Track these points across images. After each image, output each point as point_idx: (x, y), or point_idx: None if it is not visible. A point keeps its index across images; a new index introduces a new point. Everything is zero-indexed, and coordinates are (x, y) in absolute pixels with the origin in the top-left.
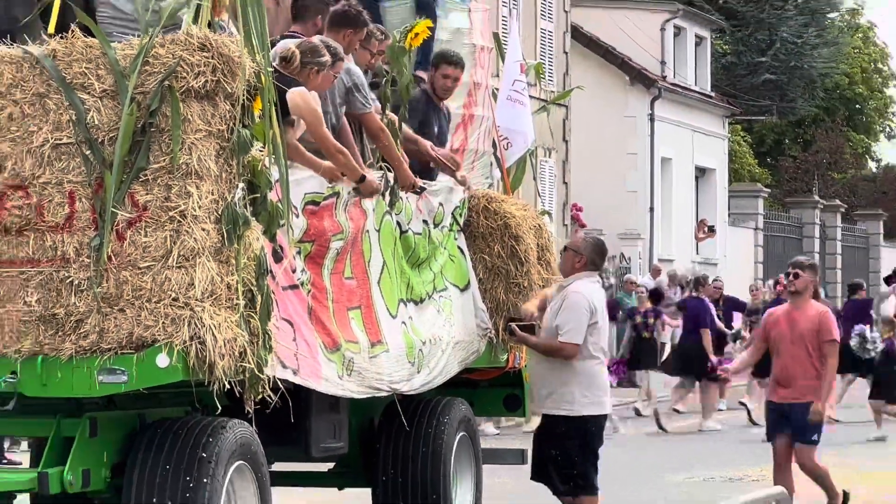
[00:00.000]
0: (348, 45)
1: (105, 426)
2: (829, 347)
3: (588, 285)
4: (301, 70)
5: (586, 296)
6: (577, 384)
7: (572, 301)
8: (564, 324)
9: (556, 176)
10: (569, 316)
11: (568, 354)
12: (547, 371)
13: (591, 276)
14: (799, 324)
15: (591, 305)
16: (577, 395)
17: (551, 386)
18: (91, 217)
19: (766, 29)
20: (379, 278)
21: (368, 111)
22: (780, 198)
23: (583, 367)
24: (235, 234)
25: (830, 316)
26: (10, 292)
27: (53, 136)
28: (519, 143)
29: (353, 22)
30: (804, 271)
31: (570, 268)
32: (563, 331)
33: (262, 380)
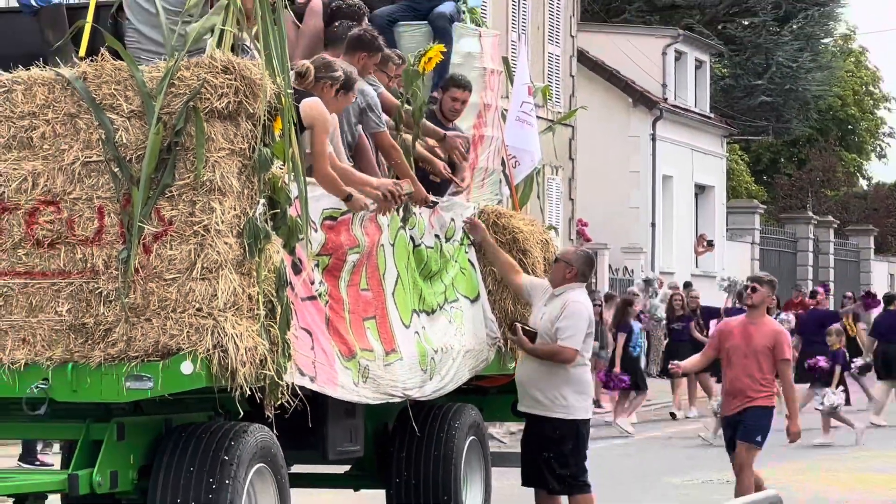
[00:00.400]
0: (363, 69)
1: (132, 430)
2: (783, 366)
3: (585, 296)
4: (315, 84)
5: (587, 306)
6: (571, 388)
7: (575, 309)
8: (566, 329)
9: (563, 192)
10: (571, 322)
11: (567, 358)
12: (540, 375)
13: (581, 286)
14: (754, 338)
15: (590, 316)
16: (571, 399)
17: (545, 389)
18: (119, 231)
19: (763, 53)
20: (393, 290)
21: (381, 130)
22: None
23: (575, 372)
24: (256, 247)
25: (786, 335)
26: (41, 302)
27: (84, 154)
28: (527, 162)
29: (368, 46)
30: (762, 286)
31: (561, 278)
32: (565, 335)
33: (282, 386)
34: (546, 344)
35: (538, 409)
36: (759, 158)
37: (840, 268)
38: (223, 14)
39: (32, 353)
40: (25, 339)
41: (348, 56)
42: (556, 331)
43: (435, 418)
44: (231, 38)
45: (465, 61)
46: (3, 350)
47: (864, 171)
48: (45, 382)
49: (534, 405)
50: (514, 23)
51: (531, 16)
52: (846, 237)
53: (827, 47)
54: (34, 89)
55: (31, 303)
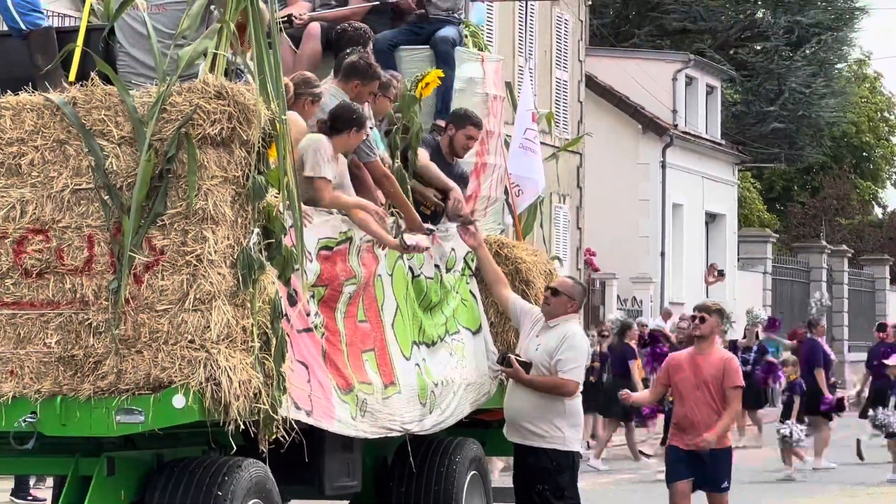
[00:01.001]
0: (357, 96)
1: (123, 465)
2: (732, 393)
3: (580, 328)
4: (296, 101)
5: (585, 339)
6: (567, 420)
7: (575, 342)
8: (568, 361)
9: (570, 221)
10: (573, 355)
11: (570, 391)
12: (534, 406)
13: (576, 317)
14: (703, 369)
15: (588, 348)
16: (566, 430)
17: (540, 420)
18: (109, 261)
19: (775, 79)
20: (393, 321)
21: (372, 160)
22: (788, 243)
23: (571, 403)
24: (251, 278)
25: (735, 362)
26: (30, 334)
27: (73, 182)
28: (530, 190)
29: (363, 74)
30: (710, 315)
31: (563, 312)
32: (567, 368)
33: (276, 420)
34: (546, 377)
35: (533, 441)
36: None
37: (854, 298)
38: (216, 37)
39: (20, 386)
40: (13, 372)
41: (342, 82)
42: (556, 363)
43: (435, 452)
44: (224, 63)
45: (467, 87)
46: None
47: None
48: (34, 416)
49: (528, 436)
50: (520, 47)
51: (538, 40)
52: (861, 267)
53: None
54: (23, 115)
55: (19, 334)
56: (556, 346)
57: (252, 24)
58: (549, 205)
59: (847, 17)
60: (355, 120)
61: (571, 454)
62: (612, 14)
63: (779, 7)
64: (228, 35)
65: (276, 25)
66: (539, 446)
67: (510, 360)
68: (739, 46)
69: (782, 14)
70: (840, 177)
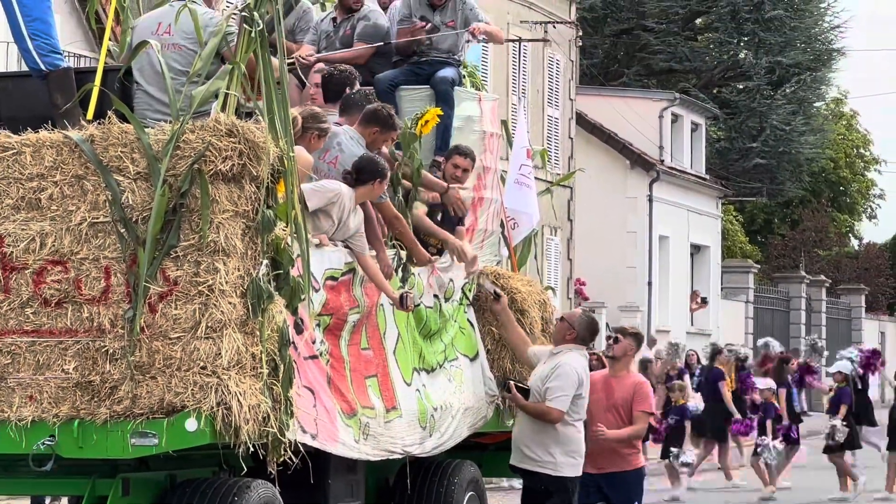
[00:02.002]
0: (373, 143)
1: (137, 486)
2: (641, 416)
3: (578, 359)
4: (303, 134)
5: (577, 369)
6: (560, 447)
7: (563, 371)
8: (553, 390)
9: (562, 252)
10: (558, 384)
11: (553, 419)
12: (531, 431)
13: (580, 349)
14: (615, 392)
15: (580, 378)
16: (558, 457)
17: (534, 445)
18: (125, 291)
19: (757, 117)
20: (394, 348)
21: (383, 201)
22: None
23: (564, 431)
24: (260, 307)
25: (647, 387)
26: (48, 360)
27: (90, 215)
28: (525, 224)
29: (383, 122)
30: (625, 337)
31: (561, 338)
32: (552, 396)
33: (284, 443)
34: (535, 403)
35: (527, 464)
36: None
37: (832, 326)
38: (228, 78)
39: (39, 410)
40: (32, 397)
41: (361, 127)
42: (545, 391)
43: (434, 474)
44: (235, 102)
45: (465, 125)
46: (11, 407)
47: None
48: (52, 439)
49: (523, 460)
50: (514, 86)
51: (531, 79)
52: (838, 296)
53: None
54: (42, 151)
55: (38, 360)
56: (547, 375)
57: (261, 66)
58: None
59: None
60: (379, 172)
61: (563, 480)
62: (602, 54)
63: (760, 48)
64: (239, 76)
65: (285, 67)
66: (533, 470)
67: (509, 385)
68: (723, 85)
69: (764, 55)
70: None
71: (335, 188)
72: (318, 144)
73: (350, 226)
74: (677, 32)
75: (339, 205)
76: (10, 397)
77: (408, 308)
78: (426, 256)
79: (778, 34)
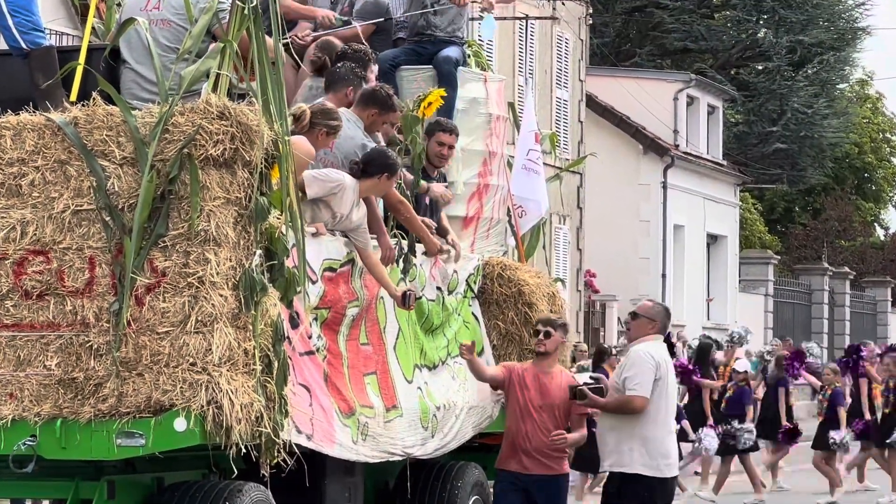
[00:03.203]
0: (371, 124)
1: (123, 489)
2: (581, 420)
3: (653, 346)
4: (310, 129)
5: (651, 353)
6: (636, 443)
7: (636, 357)
8: (632, 378)
9: (571, 242)
10: (635, 371)
11: (637, 407)
12: (610, 428)
13: (655, 339)
14: (550, 391)
15: (656, 361)
16: (635, 453)
17: (612, 442)
18: (111, 282)
19: (777, 99)
20: (395, 344)
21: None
22: (789, 265)
23: (646, 426)
24: (253, 300)
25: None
26: (29, 356)
27: (74, 203)
28: (533, 212)
29: (381, 103)
30: (556, 330)
31: (644, 333)
32: (631, 385)
33: (278, 444)
34: (615, 396)
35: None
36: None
37: (856, 320)
38: (219, 57)
39: (20, 409)
40: (12, 394)
41: (359, 109)
42: (623, 381)
43: (437, 477)
44: (227, 83)
45: (469, 107)
46: None
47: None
48: (33, 439)
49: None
50: (520, 66)
51: (539, 59)
52: (862, 289)
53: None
54: (23, 135)
55: (19, 356)
56: (621, 368)
57: (255, 44)
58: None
59: (849, 38)
60: (389, 166)
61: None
62: (613, 33)
63: (781, 27)
64: (231, 55)
65: (280, 46)
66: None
67: (582, 391)
68: (741, 66)
69: (784, 34)
70: (842, 198)
71: (338, 178)
72: (325, 142)
73: (353, 219)
74: (693, 10)
75: (340, 197)
76: None
77: (410, 307)
78: (437, 244)
79: (799, 11)
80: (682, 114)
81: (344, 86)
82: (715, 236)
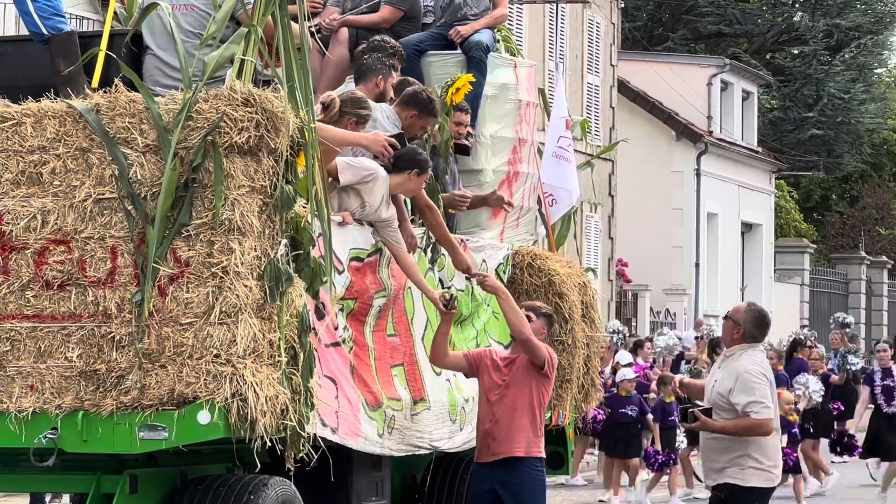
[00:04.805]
0: (409, 126)
1: (146, 483)
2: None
3: (755, 358)
4: (339, 119)
5: (761, 369)
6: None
7: (749, 381)
8: (754, 405)
9: (602, 231)
10: (755, 397)
11: (766, 431)
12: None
13: (753, 347)
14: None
15: (767, 378)
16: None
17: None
18: (133, 272)
19: (813, 84)
20: (423, 335)
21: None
22: (826, 254)
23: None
24: (278, 290)
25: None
26: (51, 347)
27: (96, 191)
28: (564, 200)
29: (422, 107)
30: (538, 318)
31: (730, 339)
32: (756, 410)
33: (304, 437)
34: (737, 420)
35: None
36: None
37: (894, 311)
38: (244, 43)
39: (41, 401)
40: (33, 386)
41: (399, 108)
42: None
43: (465, 470)
44: (252, 69)
45: (499, 93)
46: (10, 398)
47: None
48: (54, 432)
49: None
50: (551, 51)
51: (569, 44)
52: None
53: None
54: (44, 122)
55: (40, 347)
56: (731, 388)
57: (280, 30)
58: (581, 214)
59: (888, 21)
60: (419, 163)
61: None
62: (645, 17)
63: (817, 10)
64: (256, 41)
65: (306, 31)
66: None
67: (695, 414)
68: (776, 51)
69: (821, 17)
70: (880, 185)
71: (372, 167)
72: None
73: (382, 214)
74: None
75: (372, 186)
76: (10, 387)
77: (452, 310)
78: (465, 261)
79: None
80: (716, 99)
81: (373, 76)
82: (749, 225)
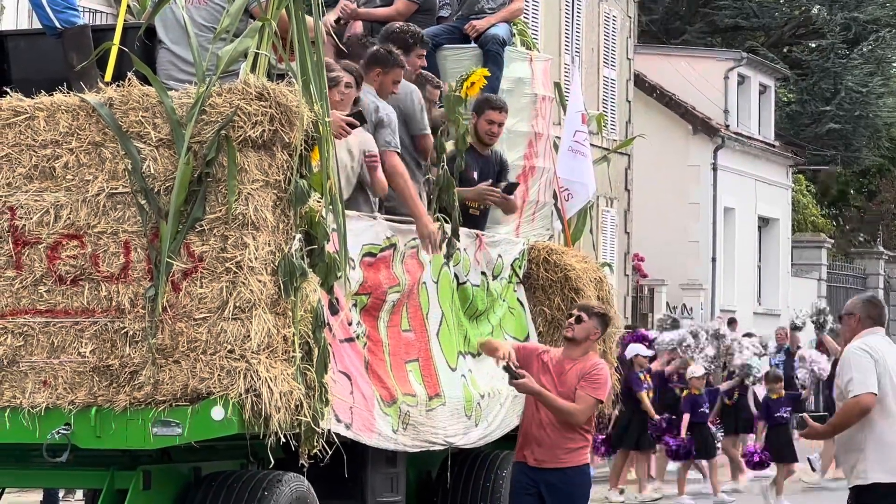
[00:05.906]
0: (380, 87)
1: (159, 479)
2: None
3: (863, 339)
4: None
5: (863, 346)
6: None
7: (848, 358)
8: (851, 382)
9: (618, 225)
10: (852, 374)
11: (864, 407)
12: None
13: (870, 332)
14: (568, 378)
15: (868, 354)
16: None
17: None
18: (146, 267)
19: (831, 78)
20: (438, 330)
21: (391, 150)
22: (844, 248)
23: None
24: (292, 285)
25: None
26: (63, 343)
27: (109, 186)
28: (580, 195)
29: (383, 61)
30: (590, 318)
31: (852, 332)
32: (851, 388)
33: (318, 433)
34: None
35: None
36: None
37: None
38: (257, 36)
39: (54, 397)
40: (46, 382)
41: (366, 74)
42: (845, 388)
43: (481, 467)
44: (266, 63)
45: (515, 87)
46: (23, 393)
47: None
48: (67, 428)
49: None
50: (567, 45)
51: (585, 37)
52: None
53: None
54: (57, 116)
55: (53, 343)
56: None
57: (294, 23)
58: (597, 208)
59: None
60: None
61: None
62: (662, 10)
63: (835, 3)
64: (270, 34)
65: (320, 25)
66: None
67: (803, 419)
68: (794, 44)
69: (839, 10)
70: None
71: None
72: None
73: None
74: None
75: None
76: (23, 382)
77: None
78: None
79: None
80: (733, 93)
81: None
82: (766, 219)
